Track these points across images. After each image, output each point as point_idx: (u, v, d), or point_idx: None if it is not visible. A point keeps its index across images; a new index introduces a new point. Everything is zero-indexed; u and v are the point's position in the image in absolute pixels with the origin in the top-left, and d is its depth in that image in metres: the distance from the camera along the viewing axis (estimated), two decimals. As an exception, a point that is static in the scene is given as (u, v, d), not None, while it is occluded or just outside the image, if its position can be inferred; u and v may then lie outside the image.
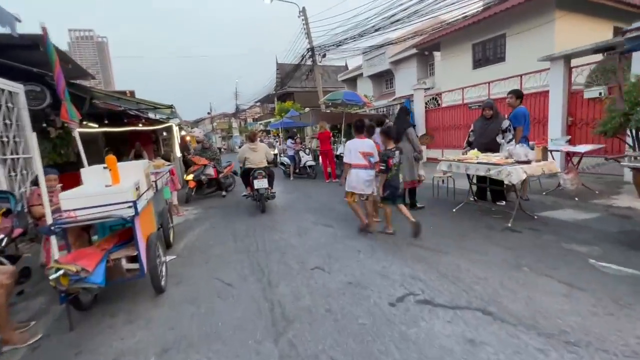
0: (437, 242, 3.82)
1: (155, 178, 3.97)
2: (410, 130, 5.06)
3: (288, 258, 3.70)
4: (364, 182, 4.22)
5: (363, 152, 4.23)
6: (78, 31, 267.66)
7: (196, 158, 7.79)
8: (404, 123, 5.21)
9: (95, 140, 9.60)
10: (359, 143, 4.30)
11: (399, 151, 4.10)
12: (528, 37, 12.55)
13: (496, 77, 9.84)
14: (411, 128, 5.06)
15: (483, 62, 14.79)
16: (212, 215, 6.23)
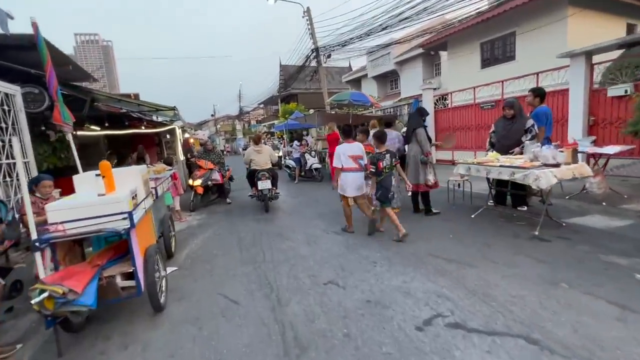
0: (459, 252, 3.51)
1: (155, 184, 3.71)
2: (420, 131, 4.78)
3: (298, 270, 3.41)
4: (355, 184, 4.37)
5: (352, 156, 4.36)
6: (84, 35, 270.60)
7: (202, 162, 7.11)
8: (415, 123, 4.92)
9: (97, 144, 9.42)
10: (347, 147, 4.41)
11: (389, 154, 4.19)
12: (539, 35, 12.22)
13: (505, 76, 9.52)
14: (421, 129, 4.78)
15: (492, 61, 14.47)
16: (216, 221, 5.97)
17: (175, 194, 6.03)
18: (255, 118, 48.13)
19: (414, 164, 4.89)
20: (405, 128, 6.38)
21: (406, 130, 5.16)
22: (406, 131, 5.14)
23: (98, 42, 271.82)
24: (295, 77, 26.14)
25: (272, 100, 37.46)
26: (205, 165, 7.01)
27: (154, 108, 6.72)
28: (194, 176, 6.94)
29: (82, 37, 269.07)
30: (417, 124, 4.86)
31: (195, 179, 6.88)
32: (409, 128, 5.03)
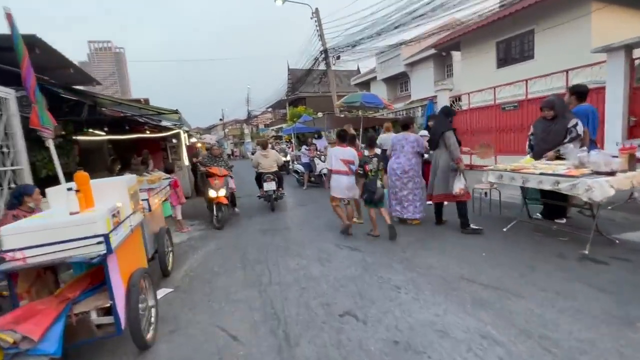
0: (497, 276, 2.99)
1: (149, 195, 3.30)
2: (449, 135, 4.26)
3: (309, 296, 2.94)
4: (345, 186, 4.59)
5: (344, 160, 4.59)
6: (97, 42, 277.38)
7: (214, 169, 5.95)
8: (442, 125, 4.41)
9: (100, 149, 9.17)
10: (340, 151, 4.65)
11: (376, 158, 4.44)
12: (560, 32, 11.60)
13: (523, 76, 8.95)
14: (450, 132, 4.25)
15: (508, 61, 13.86)
16: (220, 233, 5.55)
17: (176, 202, 5.65)
18: (263, 122, 48.07)
19: (442, 172, 4.38)
20: (422, 132, 5.88)
21: (432, 135, 4.61)
22: (432, 135, 4.62)
23: (111, 49, 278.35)
24: (304, 81, 25.88)
25: (280, 104, 37.32)
26: (219, 172, 5.94)
27: (156, 111, 6.38)
28: (215, 186, 5.70)
29: (96, 45, 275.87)
30: (445, 127, 4.34)
31: (218, 189, 5.71)
32: (435, 131, 4.52)
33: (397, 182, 4.81)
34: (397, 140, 4.90)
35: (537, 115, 7.40)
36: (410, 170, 4.77)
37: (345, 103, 8.86)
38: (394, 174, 4.83)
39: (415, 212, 4.78)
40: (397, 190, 4.84)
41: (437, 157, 4.43)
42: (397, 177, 4.81)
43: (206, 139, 18.44)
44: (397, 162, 4.82)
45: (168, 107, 6.19)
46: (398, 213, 4.88)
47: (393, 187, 4.87)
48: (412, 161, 4.78)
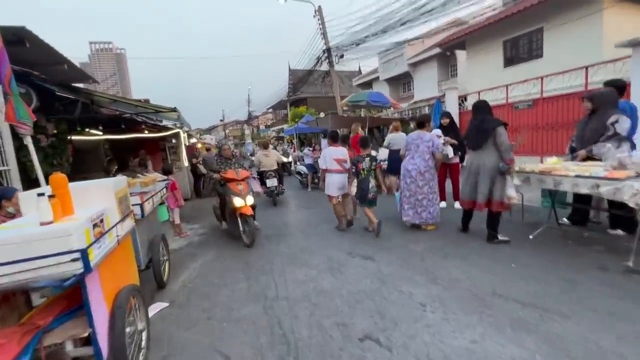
0: (535, 291, 2.65)
1: (142, 200, 2.96)
2: (502, 131, 3.64)
3: (322, 314, 2.60)
4: (338, 184, 4.79)
5: (337, 159, 4.80)
6: (98, 43, 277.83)
7: (232, 172, 4.79)
8: (491, 121, 3.77)
9: (95, 149, 8.84)
10: (333, 151, 4.87)
11: (369, 158, 4.58)
12: (570, 29, 11.29)
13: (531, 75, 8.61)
14: (503, 127, 3.66)
15: (516, 60, 13.56)
16: (220, 238, 5.21)
17: (174, 205, 5.31)
18: (264, 123, 47.78)
19: (489, 176, 3.72)
20: (436, 131, 5.48)
21: (476, 131, 3.83)
22: (477, 132, 3.84)
23: (112, 49, 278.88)
24: (305, 81, 25.59)
25: (281, 104, 37.06)
26: (238, 175, 4.75)
27: (154, 109, 6.05)
28: (240, 192, 4.52)
29: (97, 46, 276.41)
30: (496, 121, 3.71)
31: (245, 195, 4.52)
32: (485, 126, 3.73)
33: (411, 184, 4.47)
34: (412, 139, 4.57)
35: (553, 114, 7.16)
36: (427, 172, 4.43)
37: (350, 102, 8.53)
38: (408, 175, 4.49)
39: (429, 217, 4.44)
40: (411, 194, 4.49)
41: (480, 158, 3.79)
42: (411, 179, 4.46)
43: (206, 139, 18.11)
44: (412, 163, 4.47)
45: (167, 106, 5.86)
46: (409, 218, 4.53)
47: (407, 190, 4.52)
48: (428, 162, 4.44)
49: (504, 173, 3.67)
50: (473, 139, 3.87)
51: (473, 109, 4.09)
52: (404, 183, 4.57)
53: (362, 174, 4.54)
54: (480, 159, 3.80)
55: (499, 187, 3.70)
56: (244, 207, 4.46)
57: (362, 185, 4.52)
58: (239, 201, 4.47)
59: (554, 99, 7.05)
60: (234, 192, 4.54)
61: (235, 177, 4.72)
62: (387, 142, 7.03)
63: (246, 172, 5.04)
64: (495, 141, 3.67)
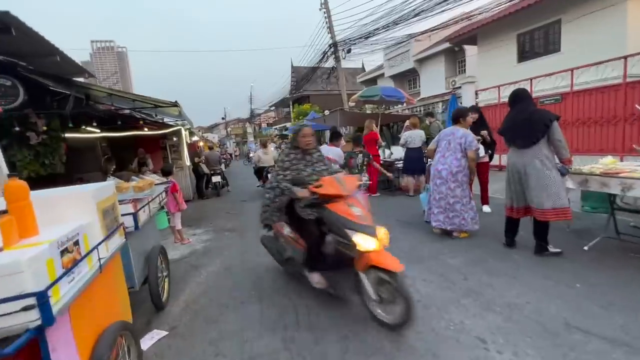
0: (619, 323, 2.13)
1: (135, 208, 2.46)
2: (557, 126, 3.09)
3: (358, 352, 2.09)
4: None
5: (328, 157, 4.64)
6: (100, 42, 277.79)
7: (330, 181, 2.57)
8: (544, 113, 3.20)
9: (92, 147, 8.36)
10: (329, 150, 4.84)
11: (362, 154, 4.82)
12: (591, 22, 10.74)
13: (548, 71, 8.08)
14: (556, 122, 3.10)
15: (531, 55, 13.00)
16: (227, 245, 4.71)
17: (175, 209, 4.82)
18: (266, 121, 47.27)
19: (543, 177, 3.13)
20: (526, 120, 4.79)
21: (520, 127, 3.24)
22: (519, 128, 3.27)
23: (113, 48, 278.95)
24: (308, 78, 25.09)
25: (284, 102, 36.55)
26: (344, 188, 2.56)
27: (152, 104, 5.55)
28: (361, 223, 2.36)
29: (98, 44, 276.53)
30: (549, 114, 3.14)
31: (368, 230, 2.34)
32: (534, 121, 3.15)
33: (442, 186, 3.95)
34: (444, 135, 4.06)
35: (586, 109, 6.59)
36: (459, 172, 3.92)
37: (362, 97, 8.01)
38: (438, 176, 3.98)
39: (463, 224, 3.92)
40: (441, 197, 3.98)
41: (526, 157, 3.22)
42: (442, 181, 3.95)
43: (209, 137, 17.65)
44: (443, 163, 3.96)
45: (166, 100, 5.36)
46: (440, 224, 4.02)
47: (437, 192, 4.01)
48: (461, 161, 3.92)
49: (563, 175, 3.15)
50: (519, 136, 3.30)
51: (514, 100, 3.49)
52: (433, 184, 4.06)
53: (353, 170, 4.76)
54: (527, 159, 3.24)
55: (553, 191, 3.14)
56: (376, 252, 2.28)
57: None
58: (366, 241, 2.26)
59: (587, 93, 6.52)
60: (350, 224, 2.35)
61: (339, 191, 2.52)
62: (403, 139, 6.52)
63: (353, 179, 2.81)
64: (548, 137, 3.13)
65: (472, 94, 9.20)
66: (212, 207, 7.91)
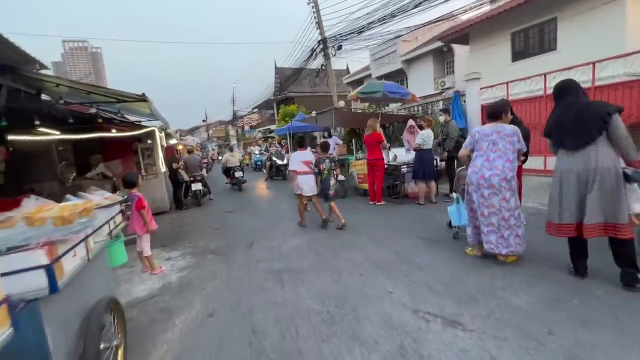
0: None
1: (52, 256, 1.46)
2: (617, 121, 2.44)
3: None
4: (309, 185, 5.07)
5: (305, 161, 5.10)
6: (72, 42, 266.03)
7: None
8: (601, 105, 2.59)
9: (46, 152, 7.09)
10: (302, 154, 5.18)
11: (328, 159, 5.06)
12: (588, 19, 10.46)
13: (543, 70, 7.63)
14: (617, 115, 2.45)
15: (526, 54, 12.70)
16: (211, 274, 3.70)
17: (141, 231, 3.76)
18: (249, 123, 45.91)
19: (605, 186, 2.48)
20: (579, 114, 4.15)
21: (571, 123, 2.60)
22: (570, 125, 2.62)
23: (87, 48, 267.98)
24: (293, 80, 24.28)
25: (268, 104, 35.45)
26: None
27: (115, 98, 4.47)
28: None
29: (71, 44, 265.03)
30: (608, 106, 2.52)
31: None
32: (585, 116, 2.54)
33: (492, 197, 3.12)
34: (484, 134, 3.24)
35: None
36: (513, 179, 3.12)
37: (362, 93, 7.17)
38: (486, 185, 3.13)
39: (518, 243, 3.12)
40: (492, 212, 3.14)
41: (583, 161, 2.57)
42: (493, 191, 3.11)
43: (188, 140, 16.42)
44: (490, 167, 3.13)
45: (132, 93, 4.29)
46: (492, 247, 3.14)
47: (485, 207, 3.17)
48: (513, 164, 3.14)
49: (629, 179, 2.48)
50: (570, 135, 2.62)
51: (560, 93, 2.82)
52: (478, 196, 3.22)
53: (323, 174, 4.99)
54: (584, 162, 2.56)
55: (623, 202, 2.46)
56: None
57: (324, 184, 5.01)
58: None
59: (612, 88, 5.94)
60: None
61: None
62: (420, 140, 5.73)
63: None
64: (609, 135, 2.47)
65: (477, 91, 8.54)
66: (192, 220, 6.83)
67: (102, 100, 4.64)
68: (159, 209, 7.68)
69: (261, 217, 6.33)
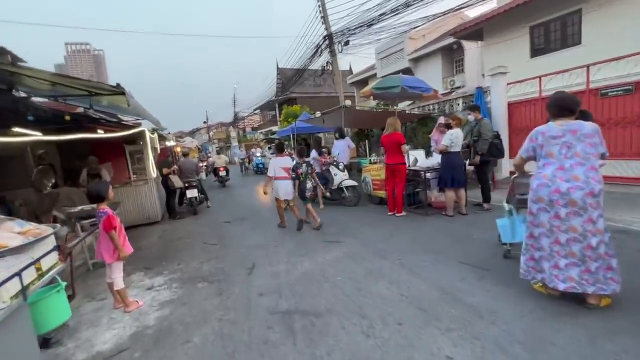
0: None
1: None
2: None
3: None
4: (286, 190, 5.27)
5: (284, 167, 5.27)
6: (75, 44, 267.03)
7: None
8: None
9: (18, 156, 6.27)
10: (281, 160, 5.37)
11: (305, 164, 5.25)
12: (616, 10, 9.63)
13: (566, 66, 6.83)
14: None
15: (546, 49, 11.83)
16: (200, 313, 2.85)
17: (111, 258, 2.92)
18: (250, 125, 45.13)
19: None
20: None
21: None
22: None
23: (89, 51, 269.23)
24: (295, 81, 23.58)
25: (269, 105, 34.72)
26: None
27: (86, 90, 3.64)
28: None
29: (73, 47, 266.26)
30: None
31: None
32: None
33: (572, 218, 2.27)
34: (552, 135, 2.40)
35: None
36: (601, 193, 2.28)
37: (377, 89, 6.34)
38: (561, 201, 2.29)
39: (611, 278, 2.26)
40: (573, 238, 2.29)
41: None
42: (572, 210, 2.27)
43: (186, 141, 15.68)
44: (567, 178, 2.30)
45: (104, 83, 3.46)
46: (574, 286, 2.31)
47: (559, 230, 2.33)
48: (598, 173, 2.31)
49: None
50: None
51: None
52: (547, 218, 2.37)
53: (301, 178, 5.19)
54: None
55: None
56: None
57: (301, 187, 5.23)
58: None
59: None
60: None
61: None
62: (447, 140, 4.88)
63: None
64: None
65: (504, 86, 7.70)
66: (184, 232, 5.99)
67: (71, 94, 3.80)
68: (149, 219, 6.87)
69: (263, 231, 5.50)
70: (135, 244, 5.33)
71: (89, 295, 3.48)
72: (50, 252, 1.71)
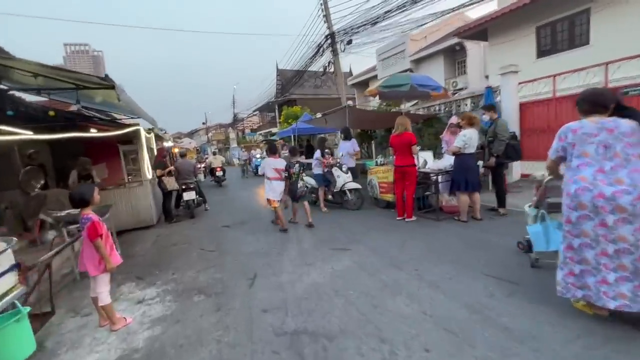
0: None
1: None
2: None
3: None
4: (277, 191, 5.29)
5: (276, 169, 5.28)
6: (73, 45, 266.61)
7: None
8: None
9: (6, 155, 5.92)
10: (272, 161, 5.35)
11: (297, 164, 5.28)
12: (627, 9, 9.40)
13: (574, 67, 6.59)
14: None
15: (553, 49, 11.57)
16: (195, 333, 2.51)
17: (96, 270, 2.59)
18: (249, 126, 44.85)
19: None
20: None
21: None
22: None
23: (88, 52, 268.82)
24: (294, 82, 23.35)
25: (269, 106, 34.47)
26: None
27: (73, 83, 3.32)
28: None
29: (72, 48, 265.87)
30: None
31: None
32: None
33: (620, 227, 1.98)
34: (586, 133, 2.11)
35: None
36: None
37: (385, 87, 6.04)
38: (608, 207, 1.99)
39: None
40: (622, 249, 1.99)
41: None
42: (620, 217, 1.98)
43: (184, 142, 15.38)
44: (610, 181, 2.01)
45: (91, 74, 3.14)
46: (626, 303, 2.01)
47: (607, 240, 2.03)
48: None
49: None
50: None
51: None
52: (591, 226, 2.07)
53: (292, 177, 5.20)
54: None
55: None
56: None
57: (293, 186, 5.25)
58: None
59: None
60: None
61: None
62: (461, 141, 4.57)
63: None
64: None
65: (515, 86, 7.42)
66: (180, 237, 5.65)
67: (58, 87, 3.47)
68: (143, 223, 6.52)
69: (265, 236, 5.17)
70: (127, 250, 5.02)
71: (72, 310, 3.13)
72: (4, 273, 1.38)
